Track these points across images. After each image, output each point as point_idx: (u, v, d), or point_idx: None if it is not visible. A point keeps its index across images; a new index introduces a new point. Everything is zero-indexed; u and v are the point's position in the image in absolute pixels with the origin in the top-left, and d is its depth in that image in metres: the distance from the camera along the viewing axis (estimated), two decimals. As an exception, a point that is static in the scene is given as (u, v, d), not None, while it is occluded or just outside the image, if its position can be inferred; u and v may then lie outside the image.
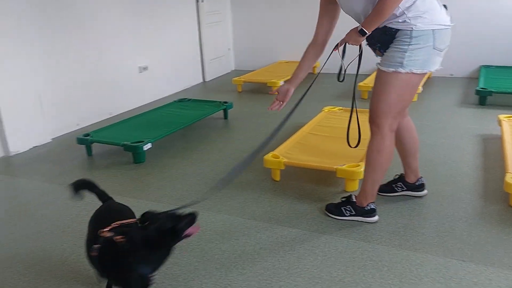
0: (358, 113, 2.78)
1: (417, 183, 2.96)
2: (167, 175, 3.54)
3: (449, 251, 2.38)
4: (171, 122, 4.40)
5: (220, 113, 4.96)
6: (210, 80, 7.28)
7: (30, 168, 3.85)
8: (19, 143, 4.21)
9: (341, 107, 4.54)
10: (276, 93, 2.86)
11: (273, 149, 3.44)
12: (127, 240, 1.80)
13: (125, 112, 5.48)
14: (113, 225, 1.89)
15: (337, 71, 2.70)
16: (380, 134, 2.54)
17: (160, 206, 3.01)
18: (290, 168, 3.34)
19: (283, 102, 2.84)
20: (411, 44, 2.33)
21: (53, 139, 4.57)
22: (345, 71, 2.74)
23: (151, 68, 5.95)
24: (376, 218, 2.71)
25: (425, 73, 2.45)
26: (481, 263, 2.27)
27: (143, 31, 5.77)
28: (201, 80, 7.20)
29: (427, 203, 2.90)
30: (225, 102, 4.96)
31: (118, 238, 1.80)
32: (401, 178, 2.99)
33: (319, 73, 2.95)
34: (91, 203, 3.14)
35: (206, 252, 2.48)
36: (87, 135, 4.06)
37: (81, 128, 4.90)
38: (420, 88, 5.28)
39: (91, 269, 2.34)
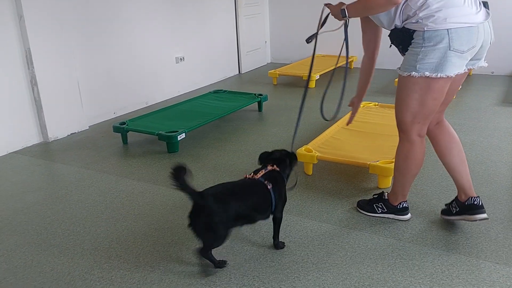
0: (391, 108, 2.68)
1: (466, 203, 2.50)
2: (200, 165, 3.58)
3: (483, 253, 2.33)
4: (206, 113, 4.44)
5: (255, 105, 4.97)
6: (246, 72, 7.29)
7: (67, 154, 3.95)
8: (57, 129, 4.33)
9: (376, 103, 4.48)
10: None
11: (306, 143, 3.42)
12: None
13: (161, 101, 5.55)
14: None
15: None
16: (408, 141, 2.43)
17: (192, 196, 3.04)
18: (323, 162, 3.32)
19: (353, 114, 2.98)
20: (424, 46, 2.18)
21: (90, 126, 4.68)
22: (316, 35, 2.67)
23: (188, 58, 6.00)
24: (408, 216, 2.66)
25: (446, 77, 2.20)
26: (516, 267, 2.21)
27: (181, 21, 5.82)
28: (237, 72, 7.22)
29: (462, 203, 2.83)
30: (260, 95, 4.97)
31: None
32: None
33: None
34: (124, 191, 3.21)
35: (235, 244, 2.49)
36: (123, 123, 4.14)
37: (118, 116, 4.99)
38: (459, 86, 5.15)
39: (122, 256, 2.40)
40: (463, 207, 2.51)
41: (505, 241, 2.42)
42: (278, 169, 2.42)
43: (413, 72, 2.23)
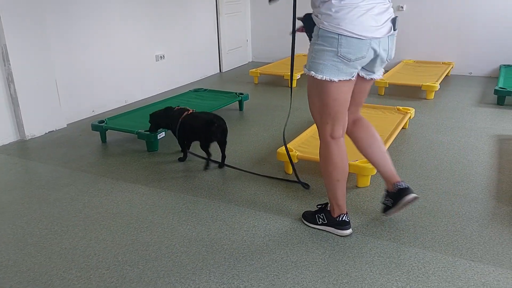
0: (370, 108, 2.71)
1: (394, 190, 2.55)
2: (180, 164, 3.57)
3: (458, 250, 2.37)
4: (186, 112, 4.41)
5: (236, 104, 4.97)
6: (227, 71, 7.29)
7: (45, 152, 3.90)
8: (34, 127, 4.27)
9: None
10: None
11: (286, 142, 3.43)
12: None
13: (140, 100, 5.52)
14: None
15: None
16: (323, 142, 2.40)
17: (172, 195, 3.04)
18: (303, 161, 3.34)
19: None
20: (317, 44, 2.16)
21: (68, 124, 4.62)
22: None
23: (168, 57, 5.97)
24: (347, 232, 2.51)
25: (331, 81, 2.17)
26: (490, 264, 2.25)
27: (161, 19, 5.79)
28: (217, 71, 7.21)
29: (439, 202, 2.88)
30: (241, 94, 4.97)
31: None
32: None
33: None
34: (103, 190, 3.19)
35: (215, 242, 2.49)
36: (102, 121, 4.10)
37: (97, 114, 4.95)
38: (437, 86, 5.24)
39: (101, 255, 2.38)
40: (394, 195, 2.54)
41: (480, 239, 2.47)
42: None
43: (305, 69, 2.25)
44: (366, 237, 2.51)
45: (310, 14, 2.24)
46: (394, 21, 2.18)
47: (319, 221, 2.58)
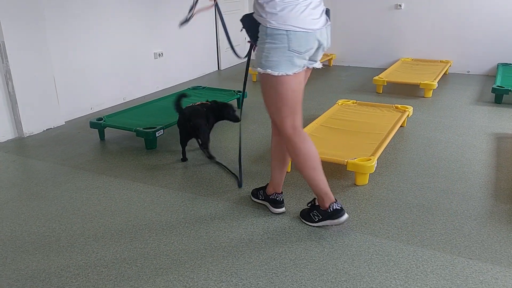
0: (368, 106, 2.71)
1: (270, 196, 2.77)
2: (178, 162, 3.56)
3: (456, 248, 2.37)
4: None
5: (234, 102, 4.96)
6: (225, 69, 7.28)
7: (43, 150, 3.90)
8: (32, 125, 4.26)
9: (355, 101, 4.52)
10: None
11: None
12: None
13: (139, 97, 5.51)
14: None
15: (344, 64, 2.67)
16: (285, 137, 2.47)
17: (170, 193, 3.04)
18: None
19: None
20: (267, 43, 2.25)
21: (66, 122, 4.62)
22: (189, 19, 2.87)
23: (167, 54, 5.97)
24: (344, 217, 2.53)
25: (288, 75, 2.30)
26: (488, 262, 2.26)
27: (160, 17, 5.78)
28: (216, 68, 7.20)
29: (438, 200, 2.88)
30: (239, 91, 4.96)
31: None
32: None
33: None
34: (101, 187, 3.18)
35: (213, 240, 2.49)
36: (100, 119, 4.09)
37: (95, 112, 4.94)
38: (435, 84, 5.24)
39: (99, 253, 2.38)
40: (268, 198, 2.80)
41: (478, 237, 2.47)
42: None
43: (259, 68, 2.34)
44: (364, 235, 2.51)
45: (250, 14, 2.34)
46: (327, 12, 2.38)
47: (316, 219, 2.60)
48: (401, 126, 4.15)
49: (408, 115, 4.23)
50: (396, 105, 4.35)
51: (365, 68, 7.02)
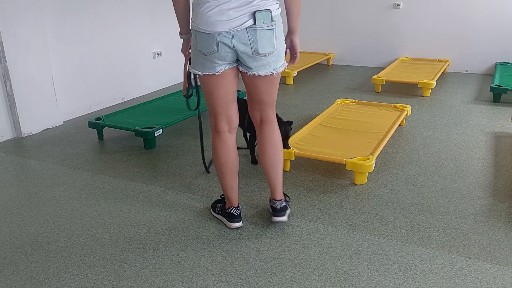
0: (367, 105, 2.71)
1: (270, 204, 2.64)
2: (177, 162, 3.56)
3: (455, 247, 2.38)
4: (183, 109, 4.41)
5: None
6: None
7: (41, 150, 3.89)
8: (31, 125, 4.26)
9: (353, 100, 4.52)
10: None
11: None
12: None
13: (137, 97, 5.51)
14: None
15: (343, 63, 2.59)
16: (212, 133, 2.48)
17: (169, 192, 3.04)
18: (300, 159, 3.34)
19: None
20: (193, 41, 2.26)
21: (65, 122, 4.61)
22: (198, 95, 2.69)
23: (165, 54, 5.96)
24: (235, 225, 2.57)
25: (204, 75, 2.27)
26: (486, 261, 2.26)
27: (158, 16, 5.77)
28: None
29: (436, 199, 2.88)
30: (238, 91, 4.94)
31: None
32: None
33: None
34: (100, 187, 3.18)
35: (212, 240, 2.49)
36: (99, 119, 4.09)
37: (93, 112, 4.94)
38: (434, 83, 5.24)
39: (98, 253, 2.38)
40: (271, 208, 2.62)
41: (477, 236, 2.48)
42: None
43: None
44: (363, 235, 2.51)
45: None
46: (254, 14, 2.13)
47: (216, 210, 2.70)
48: (399, 125, 4.16)
49: (407, 114, 4.23)
50: (394, 104, 4.35)
51: (364, 67, 7.03)
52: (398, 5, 6.69)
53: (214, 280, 2.16)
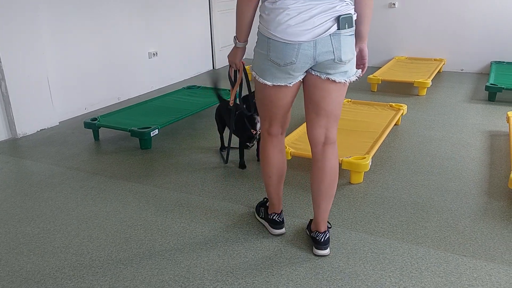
0: (363, 105, 2.71)
1: (311, 234, 2.43)
2: (173, 162, 3.56)
3: (450, 246, 2.38)
4: (179, 109, 4.41)
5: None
6: (220, 68, 7.27)
7: (37, 150, 3.88)
8: (26, 125, 4.25)
9: (349, 99, 4.53)
10: None
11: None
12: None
13: (133, 97, 5.50)
14: None
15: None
16: (262, 135, 2.40)
17: (165, 193, 3.03)
18: (296, 158, 3.34)
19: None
20: (256, 46, 2.13)
21: (60, 122, 4.60)
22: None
23: (161, 54, 5.96)
24: (277, 231, 2.51)
25: (267, 84, 2.12)
26: (482, 259, 2.27)
27: (154, 16, 5.76)
28: (211, 68, 7.19)
29: (432, 198, 2.89)
30: (223, 89, 4.95)
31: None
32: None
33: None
34: (96, 188, 3.18)
35: (209, 240, 2.49)
36: (95, 119, 4.08)
37: (89, 112, 4.93)
38: (429, 82, 5.26)
39: (94, 254, 2.37)
40: (312, 239, 2.40)
41: (472, 234, 2.49)
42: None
43: (251, 68, 2.22)
44: (359, 233, 2.52)
45: None
46: (338, 19, 1.96)
47: (260, 215, 2.64)
48: (395, 124, 4.17)
49: (403, 113, 4.24)
50: (390, 103, 4.36)
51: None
52: (394, 4, 6.70)
53: (211, 280, 2.17)
